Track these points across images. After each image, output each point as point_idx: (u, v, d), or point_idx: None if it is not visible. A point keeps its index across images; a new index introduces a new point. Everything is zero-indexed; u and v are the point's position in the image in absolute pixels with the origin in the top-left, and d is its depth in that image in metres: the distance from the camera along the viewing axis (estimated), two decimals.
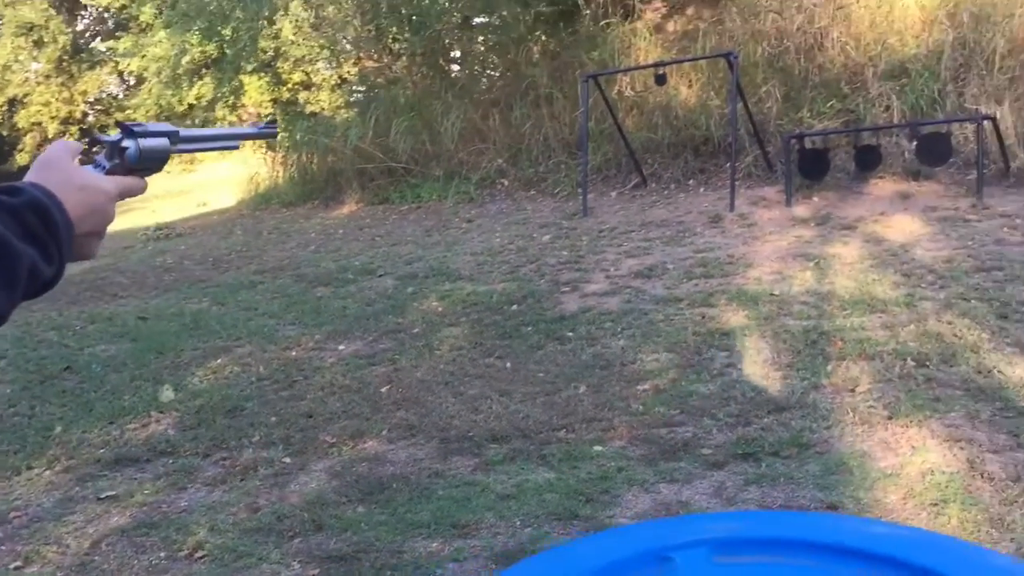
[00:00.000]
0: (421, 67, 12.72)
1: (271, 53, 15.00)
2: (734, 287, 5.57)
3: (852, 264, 5.71)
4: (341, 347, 5.50)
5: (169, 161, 1.11)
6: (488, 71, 12.98)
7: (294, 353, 5.50)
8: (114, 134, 1.06)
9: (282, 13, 13.91)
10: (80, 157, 1.01)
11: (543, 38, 12.29)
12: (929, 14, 8.45)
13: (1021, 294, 4.70)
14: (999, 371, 3.82)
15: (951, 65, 7.84)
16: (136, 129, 1.07)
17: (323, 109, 15.54)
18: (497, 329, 5.42)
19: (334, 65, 15.69)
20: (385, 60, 13.86)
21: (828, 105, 8.14)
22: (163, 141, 1.09)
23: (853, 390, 3.84)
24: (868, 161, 7.18)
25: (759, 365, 4.28)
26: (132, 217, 13.11)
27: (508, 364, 4.80)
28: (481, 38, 13.30)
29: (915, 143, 7.03)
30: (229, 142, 1.26)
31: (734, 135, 7.83)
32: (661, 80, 8.04)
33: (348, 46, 14.64)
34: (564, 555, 1.07)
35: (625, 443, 3.65)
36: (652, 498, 3.19)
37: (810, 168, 7.40)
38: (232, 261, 8.97)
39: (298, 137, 12.55)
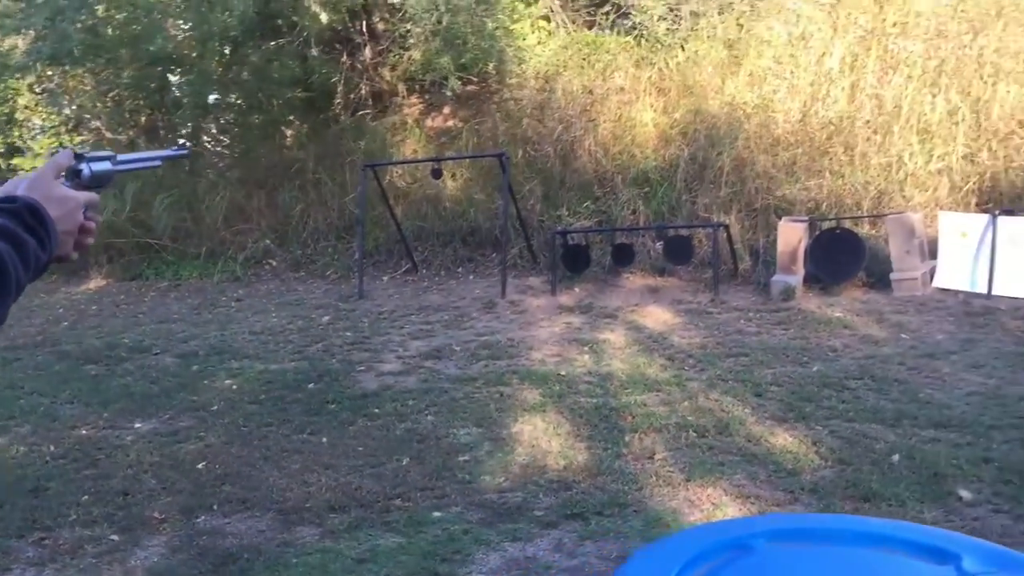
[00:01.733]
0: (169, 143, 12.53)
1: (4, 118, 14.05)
2: (522, 368, 6.06)
3: (622, 348, 6.41)
4: (137, 425, 5.37)
5: (113, 180, 1.45)
6: (238, 152, 12.98)
7: (84, 432, 5.29)
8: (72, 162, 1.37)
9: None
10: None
11: (298, 123, 12.62)
12: (663, 132, 9.66)
13: (768, 376, 5.55)
14: (765, 440, 4.53)
15: (685, 177, 8.99)
16: (87, 156, 1.39)
17: None
18: (302, 406, 5.54)
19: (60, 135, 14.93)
20: (130, 134, 13.46)
21: (584, 205, 9.03)
22: (107, 164, 1.41)
23: (651, 457, 4.40)
24: (623, 257, 8.05)
25: (564, 437, 4.75)
26: None
27: (324, 439, 4.95)
28: (223, 120, 13.32)
29: (662, 244, 7.99)
30: (152, 162, 1.64)
31: (506, 228, 8.48)
32: (437, 174, 8.58)
33: (87, 116, 14.07)
34: (667, 546, 1.39)
35: (461, 509, 3.95)
36: (500, 555, 3.51)
37: (572, 261, 8.16)
38: None
39: None
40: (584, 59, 11.03)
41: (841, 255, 7.30)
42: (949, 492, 3.80)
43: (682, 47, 10.41)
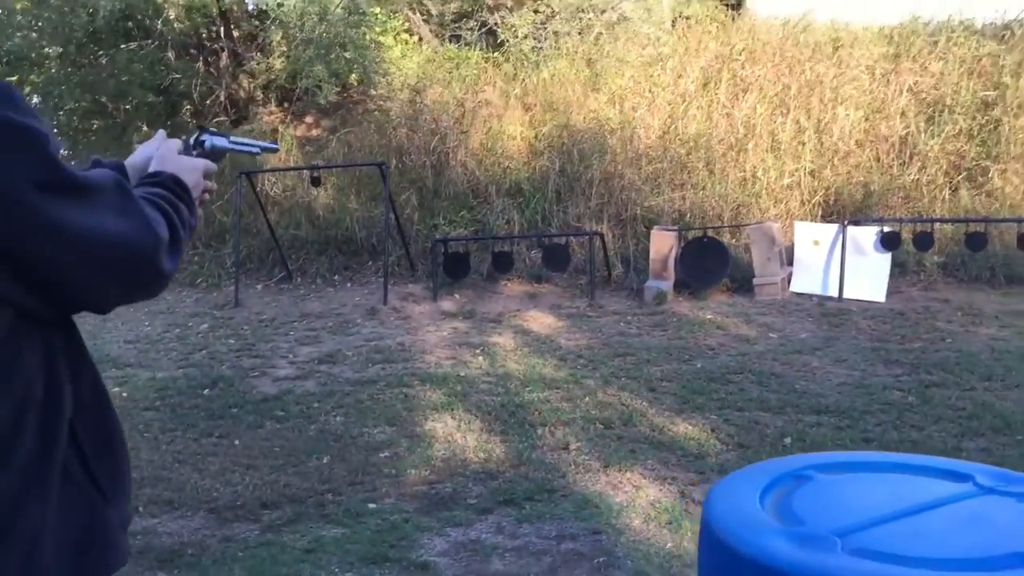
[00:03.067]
0: None
1: None
2: (420, 370, 6.20)
3: (513, 351, 6.64)
4: None
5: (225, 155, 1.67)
6: (84, 156, 12.49)
7: None
8: (197, 134, 1.61)
9: None
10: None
11: (148, 129, 12.27)
12: (531, 145, 10.01)
13: (657, 372, 5.91)
14: (668, 429, 4.86)
15: (556, 188, 9.35)
16: (208, 129, 1.62)
17: None
18: (203, 412, 5.47)
19: None
20: None
21: (460, 215, 9.24)
22: (224, 140, 1.64)
23: (566, 448, 4.64)
24: (502, 265, 8.30)
25: (477, 433, 4.92)
26: None
27: (236, 442, 4.93)
28: (71, 122, 12.79)
29: (540, 251, 8.30)
30: (252, 148, 1.85)
31: (388, 236, 8.57)
32: (316, 182, 8.59)
33: None
34: (743, 477, 1.60)
35: (395, 500, 4.06)
36: (444, 539, 3.65)
37: (453, 269, 8.34)
38: None
39: None
40: (449, 73, 11.29)
41: (708, 262, 7.81)
42: None
43: (546, 65, 10.82)
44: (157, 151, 1.48)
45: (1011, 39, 10.11)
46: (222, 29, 12.57)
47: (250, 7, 13.03)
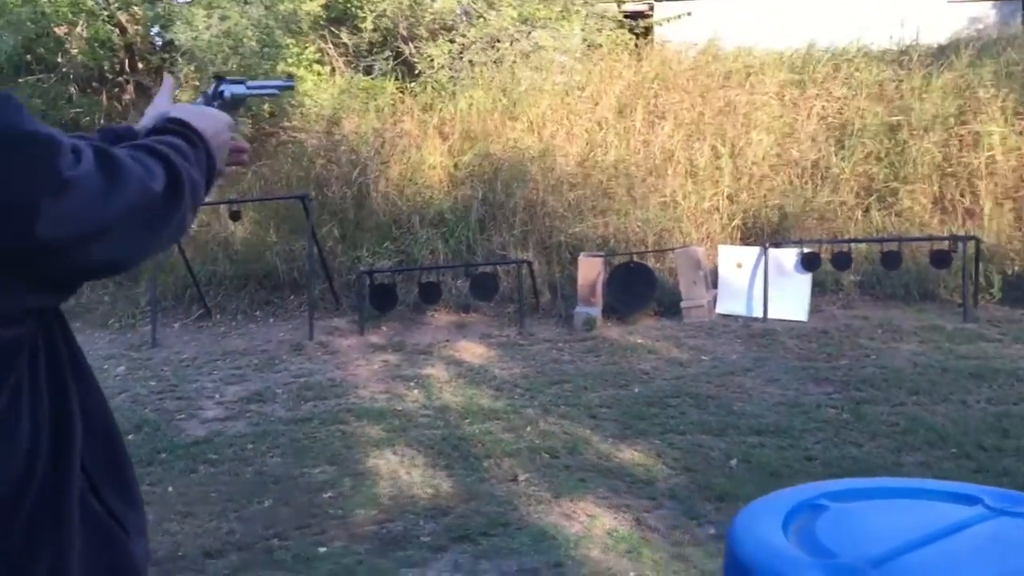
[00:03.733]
0: None
1: None
2: (355, 406, 6.06)
3: (448, 382, 6.56)
4: None
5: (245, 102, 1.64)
6: None
7: None
8: (215, 83, 1.57)
9: None
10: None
11: None
12: (452, 174, 9.99)
13: (595, 399, 5.91)
14: (614, 456, 4.85)
15: (479, 217, 9.32)
16: (225, 78, 1.56)
17: None
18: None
19: None
20: None
21: (383, 246, 9.12)
22: (242, 87, 1.59)
23: (515, 479, 4.58)
24: (430, 295, 8.22)
25: (422, 468, 4.83)
26: None
27: (169, 488, 4.73)
28: None
29: (468, 281, 8.25)
30: (271, 90, 1.82)
31: (311, 270, 8.41)
32: (236, 216, 8.38)
33: None
34: (761, 508, 1.58)
35: (345, 542, 3.94)
36: None
37: (380, 301, 8.22)
38: None
39: None
40: (364, 103, 11.20)
41: (635, 287, 7.88)
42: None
43: (463, 94, 10.83)
44: (172, 104, 1.42)
45: (908, 63, 10.55)
46: (127, 62, 12.26)
47: (156, 41, 12.76)
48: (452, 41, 11.41)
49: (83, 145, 1.08)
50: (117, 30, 11.24)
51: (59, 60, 11.20)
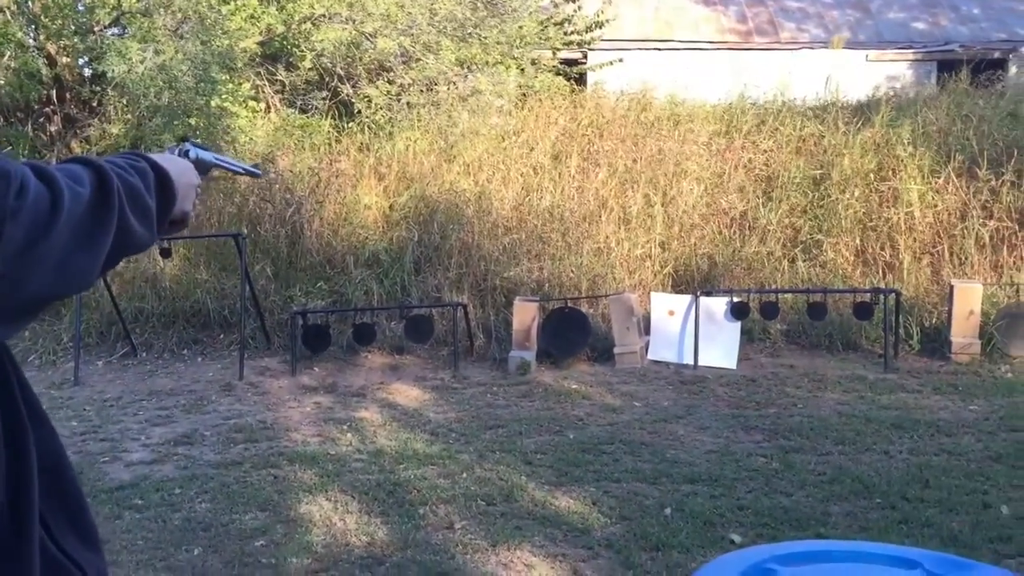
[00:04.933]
0: None
1: None
2: (287, 449, 5.97)
3: (381, 426, 6.52)
4: None
5: (209, 171, 1.67)
6: None
7: None
8: (180, 144, 1.59)
9: None
10: None
11: None
12: (387, 215, 9.99)
13: (531, 445, 5.93)
14: (550, 503, 4.87)
15: (414, 258, 9.33)
16: (194, 142, 1.61)
17: None
18: None
19: None
20: None
21: (317, 286, 9.06)
22: (209, 154, 1.64)
23: (450, 527, 4.56)
24: (364, 336, 8.18)
25: (356, 514, 4.78)
26: None
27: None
28: None
29: (403, 323, 8.23)
30: (236, 168, 1.88)
31: (244, 310, 8.29)
32: (166, 253, 8.24)
33: None
34: (712, 570, 1.61)
35: None
36: None
37: (313, 342, 8.14)
38: None
39: None
40: (298, 141, 11.17)
41: (570, 332, 7.96)
42: (722, 537, 4.34)
43: (400, 135, 10.88)
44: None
45: (831, 119, 10.94)
46: (54, 93, 12.02)
47: (86, 72, 12.53)
48: (391, 82, 11.45)
49: (23, 167, 1.05)
50: (45, 61, 11.01)
51: None
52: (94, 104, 11.80)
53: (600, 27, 14.43)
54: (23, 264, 1.02)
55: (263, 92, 12.42)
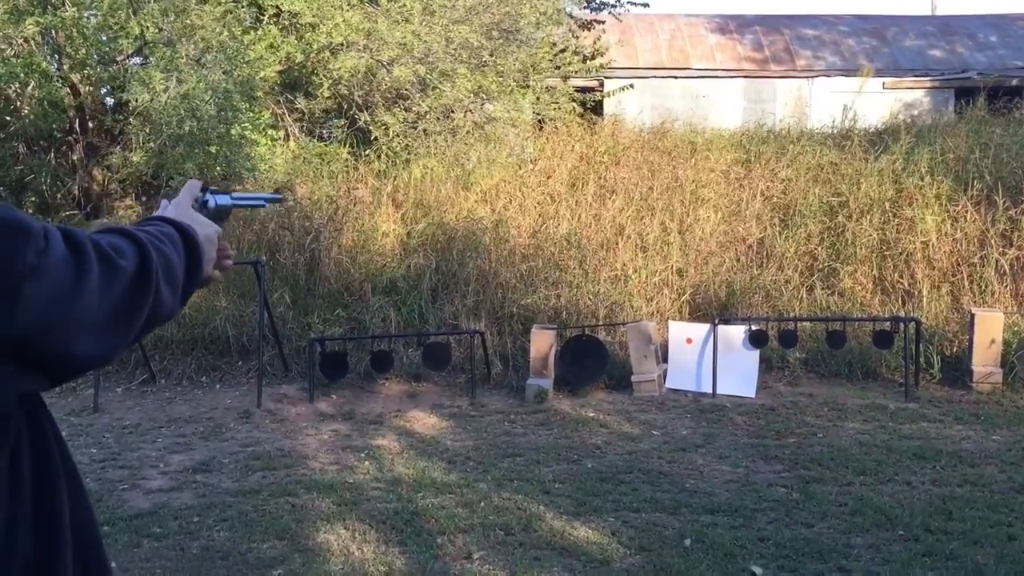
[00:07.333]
0: None
1: None
2: (305, 477, 5.97)
3: (399, 454, 6.51)
4: None
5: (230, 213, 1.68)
6: None
7: None
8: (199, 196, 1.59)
9: None
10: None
11: None
12: (405, 242, 10.04)
13: (549, 474, 5.90)
14: (568, 533, 4.85)
15: (432, 286, 9.36)
16: (210, 188, 1.60)
17: None
18: None
19: None
20: None
21: (335, 313, 9.08)
22: (227, 198, 1.64)
23: (469, 557, 4.54)
24: (381, 364, 8.19)
25: (374, 544, 4.77)
26: None
27: (113, 564, 4.58)
28: None
29: (421, 350, 8.24)
30: (257, 202, 1.88)
31: (262, 337, 8.32)
32: None
33: None
34: None
35: None
36: None
37: (330, 369, 8.16)
38: None
39: None
40: (316, 169, 11.25)
41: (587, 359, 7.95)
42: (743, 569, 4.30)
43: (417, 163, 10.95)
44: (172, 202, 1.45)
45: (849, 147, 10.94)
46: (77, 122, 12.16)
47: (108, 101, 12.69)
48: (407, 110, 11.54)
49: (51, 228, 1.07)
50: (69, 91, 11.15)
51: (8, 119, 11.07)
52: (116, 133, 11.92)
53: (601, 54, 14.46)
54: (48, 327, 1.03)
55: (283, 120, 12.54)
